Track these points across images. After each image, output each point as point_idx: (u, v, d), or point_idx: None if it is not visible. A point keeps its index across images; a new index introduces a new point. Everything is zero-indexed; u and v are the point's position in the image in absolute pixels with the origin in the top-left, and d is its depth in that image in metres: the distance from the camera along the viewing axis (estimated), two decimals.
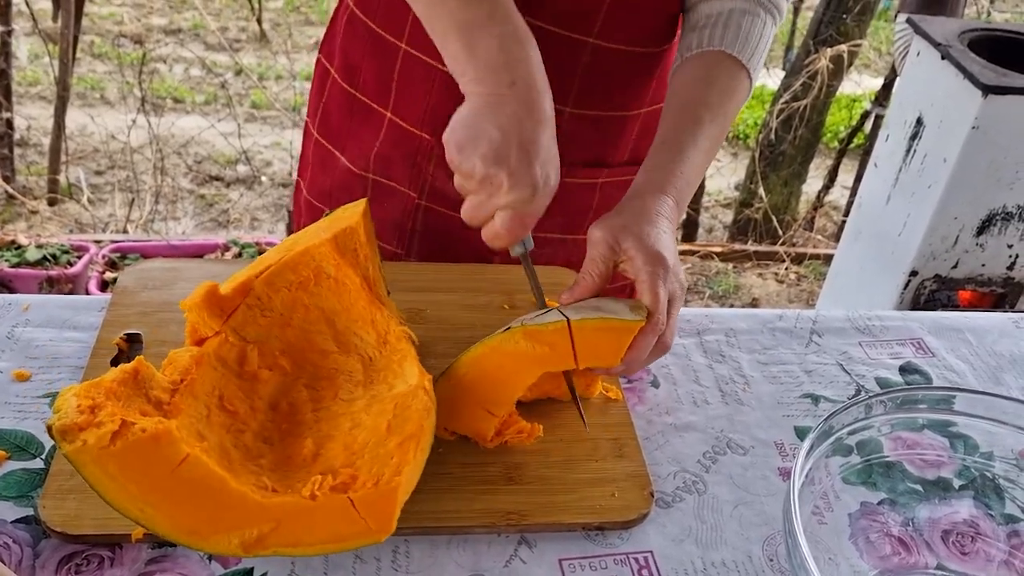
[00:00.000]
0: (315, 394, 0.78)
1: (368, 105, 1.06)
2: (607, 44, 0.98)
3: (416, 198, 1.07)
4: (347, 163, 1.10)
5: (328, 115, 1.12)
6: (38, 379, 0.83)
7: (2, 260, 2.59)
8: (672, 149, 0.89)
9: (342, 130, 1.10)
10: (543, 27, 0.95)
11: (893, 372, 0.98)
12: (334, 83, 1.10)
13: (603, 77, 1.01)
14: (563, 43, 0.97)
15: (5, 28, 3.36)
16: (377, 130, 1.06)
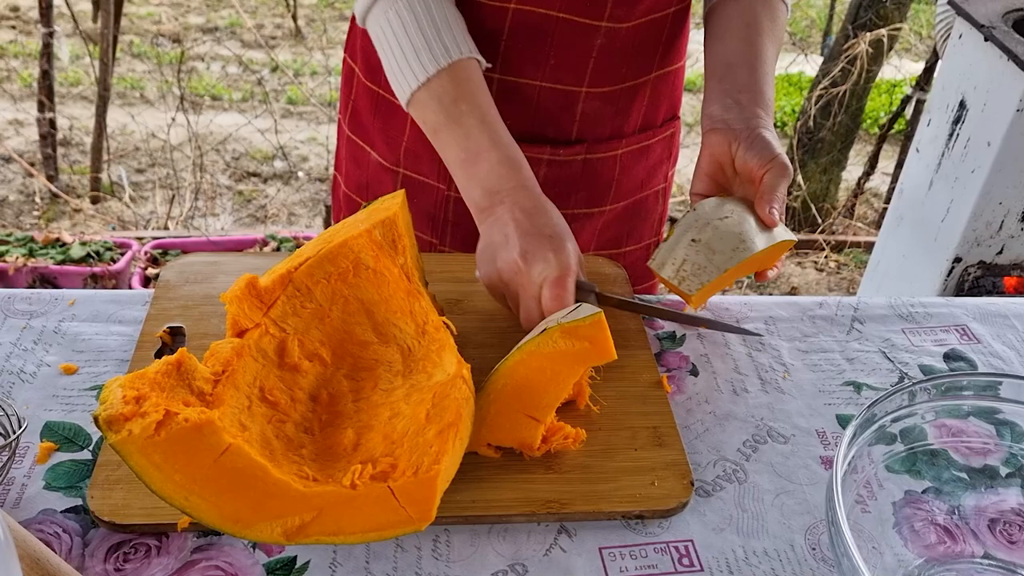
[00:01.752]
0: (355, 384, 0.79)
1: (392, 102, 1.07)
2: (619, 25, 0.98)
3: (446, 190, 1.08)
4: (378, 158, 1.11)
5: (357, 112, 1.13)
6: (85, 372, 0.85)
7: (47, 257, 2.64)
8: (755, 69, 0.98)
9: (371, 127, 1.11)
10: (558, 16, 0.96)
11: (937, 359, 0.97)
12: (359, 81, 1.11)
13: (616, 55, 1.02)
14: (577, 28, 0.97)
15: (47, 30, 3.42)
16: (403, 125, 1.07)
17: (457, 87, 0.90)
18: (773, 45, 1.00)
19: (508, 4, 0.95)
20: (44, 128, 3.59)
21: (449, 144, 0.92)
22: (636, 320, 0.95)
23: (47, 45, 3.43)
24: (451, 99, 0.90)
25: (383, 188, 1.11)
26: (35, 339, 0.88)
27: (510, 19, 0.96)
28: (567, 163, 1.07)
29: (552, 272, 0.82)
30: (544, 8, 0.95)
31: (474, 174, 0.90)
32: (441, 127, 0.92)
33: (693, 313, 0.95)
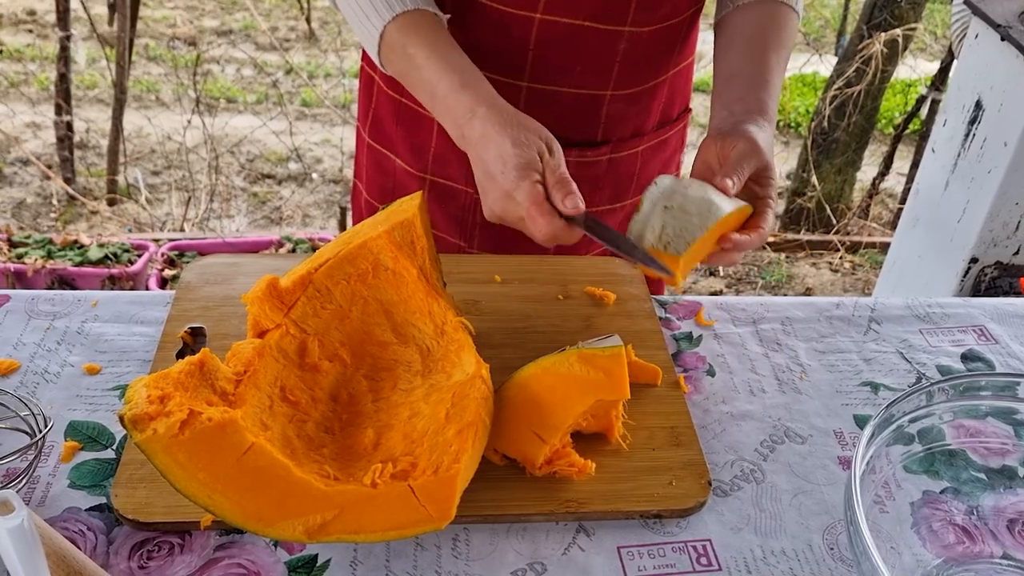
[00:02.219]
0: (374, 384, 0.80)
1: (416, 111, 1.08)
2: (641, 29, 0.99)
3: (474, 194, 1.08)
4: (404, 165, 1.12)
5: (379, 121, 1.14)
6: (108, 372, 0.86)
7: (66, 259, 2.66)
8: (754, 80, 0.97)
9: (394, 135, 1.12)
10: (583, 24, 0.97)
11: (955, 360, 0.97)
12: (380, 91, 1.12)
13: (639, 58, 1.03)
14: (601, 35, 0.98)
15: (64, 34, 3.45)
16: (429, 133, 1.08)
17: (404, 35, 0.91)
18: (778, 54, 1.00)
19: (534, 14, 0.96)
20: (61, 131, 3.62)
21: (415, 89, 0.94)
22: (653, 320, 0.96)
23: (64, 49, 3.46)
24: (401, 47, 0.92)
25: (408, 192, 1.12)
26: (59, 340, 0.89)
27: (536, 29, 0.97)
28: (593, 163, 1.08)
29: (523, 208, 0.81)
30: (569, 17, 0.96)
31: (439, 110, 0.91)
32: (403, 75, 0.94)
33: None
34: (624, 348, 0.76)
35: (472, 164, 0.88)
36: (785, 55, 1.01)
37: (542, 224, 0.80)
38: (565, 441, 0.77)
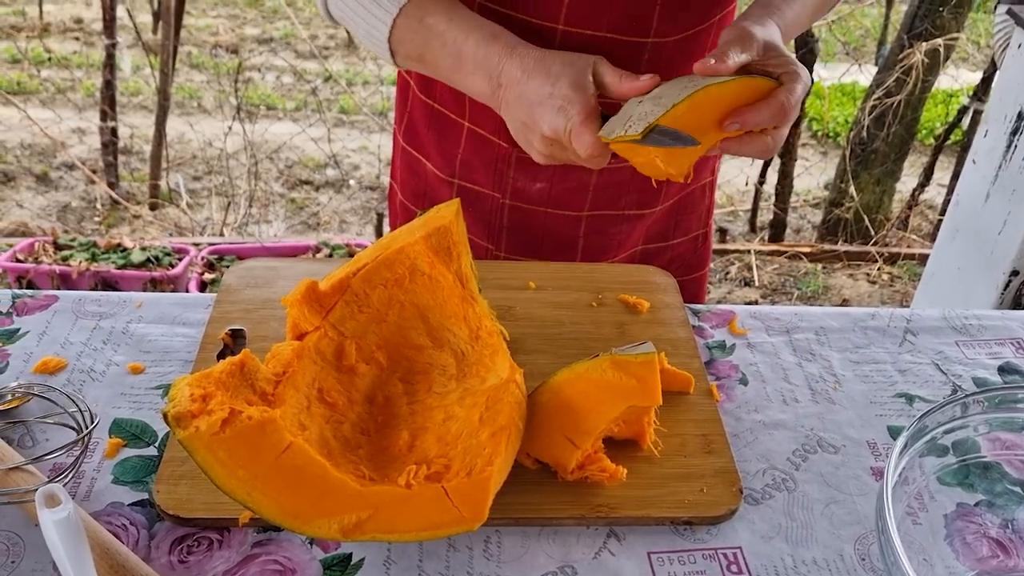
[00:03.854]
0: (410, 388, 0.81)
1: (447, 116, 1.09)
2: (664, 39, 0.99)
3: (501, 198, 1.10)
4: (434, 169, 1.14)
5: (413, 125, 1.16)
6: (151, 372, 0.88)
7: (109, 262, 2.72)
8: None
9: (426, 139, 1.14)
10: (605, 36, 0.97)
11: (992, 372, 0.96)
12: (414, 95, 1.14)
13: (665, 66, 1.03)
14: (624, 46, 0.99)
15: (110, 42, 3.52)
16: (458, 138, 1.09)
17: (419, 9, 0.91)
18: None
19: (556, 25, 0.97)
20: (106, 136, 3.70)
21: (437, 61, 0.92)
22: (686, 329, 0.96)
23: (110, 56, 3.54)
24: (418, 20, 0.90)
25: (439, 197, 1.14)
26: (104, 339, 0.92)
27: (559, 39, 0.98)
28: (617, 169, 1.08)
29: (573, 121, 0.81)
30: (591, 29, 0.97)
31: (468, 69, 0.89)
32: (422, 50, 0.92)
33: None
34: (657, 355, 0.77)
35: (510, 111, 0.87)
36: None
37: (588, 141, 0.80)
38: (597, 446, 0.78)
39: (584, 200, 1.09)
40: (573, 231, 1.12)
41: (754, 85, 0.82)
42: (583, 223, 1.11)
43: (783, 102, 0.81)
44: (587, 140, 0.80)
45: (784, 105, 0.81)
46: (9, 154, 4.22)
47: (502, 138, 1.06)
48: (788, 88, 0.82)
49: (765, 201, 3.74)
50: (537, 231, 1.12)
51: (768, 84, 0.83)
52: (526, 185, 1.08)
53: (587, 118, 0.81)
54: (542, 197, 1.09)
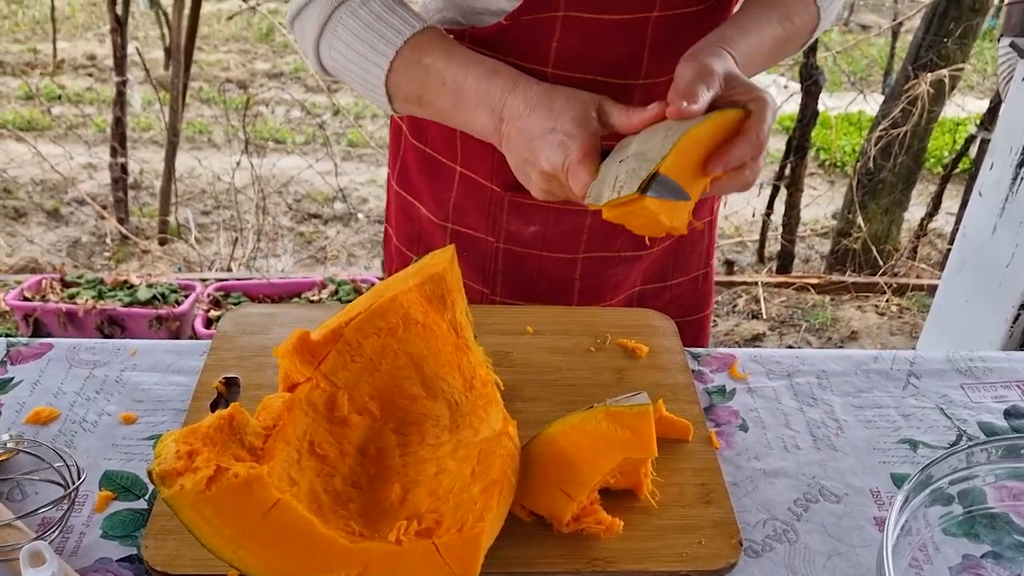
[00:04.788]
0: (403, 439, 0.80)
1: (439, 160, 1.09)
2: (656, 80, 0.99)
3: (495, 242, 1.09)
4: (427, 213, 1.13)
5: (406, 169, 1.16)
6: (144, 421, 0.88)
7: (115, 299, 2.73)
8: (737, 26, 0.93)
9: (419, 183, 1.13)
10: (595, 79, 0.97)
11: (997, 416, 0.94)
12: (406, 140, 1.14)
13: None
14: (614, 89, 0.98)
15: (120, 79, 3.56)
16: (450, 182, 1.09)
17: (416, 49, 0.90)
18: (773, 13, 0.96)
19: (546, 69, 0.97)
20: (116, 173, 3.73)
21: (436, 100, 0.91)
22: (686, 374, 0.95)
23: (120, 94, 3.58)
24: (415, 62, 0.90)
25: (433, 242, 1.13)
26: (98, 388, 0.91)
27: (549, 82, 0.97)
28: None
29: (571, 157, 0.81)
30: (580, 73, 0.97)
31: (470, 106, 0.89)
32: (421, 91, 0.91)
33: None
34: (651, 407, 0.75)
35: (511, 145, 0.86)
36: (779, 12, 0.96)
37: (583, 179, 0.79)
38: (593, 498, 0.76)
39: (579, 242, 1.08)
40: (569, 274, 1.11)
41: (726, 120, 0.81)
42: (579, 265, 1.10)
43: (757, 134, 0.81)
44: (582, 178, 0.80)
45: (758, 137, 0.81)
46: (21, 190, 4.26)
47: (495, 182, 1.05)
48: (758, 118, 0.81)
49: (773, 232, 3.73)
50: (532, 274, 1.11)
51: (738, 115, 0.82)
52: (520, 228, 1.08)
53: (585, 155, 0.80)
54: (536, 240, 1.08)
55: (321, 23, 0.92)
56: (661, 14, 0.96)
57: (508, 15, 0.95)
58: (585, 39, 0.96)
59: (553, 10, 0.94)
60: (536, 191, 0.87)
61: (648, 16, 0.95)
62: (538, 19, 0.95)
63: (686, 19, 0.98)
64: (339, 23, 0.91)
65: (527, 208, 1.05)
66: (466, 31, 1.00)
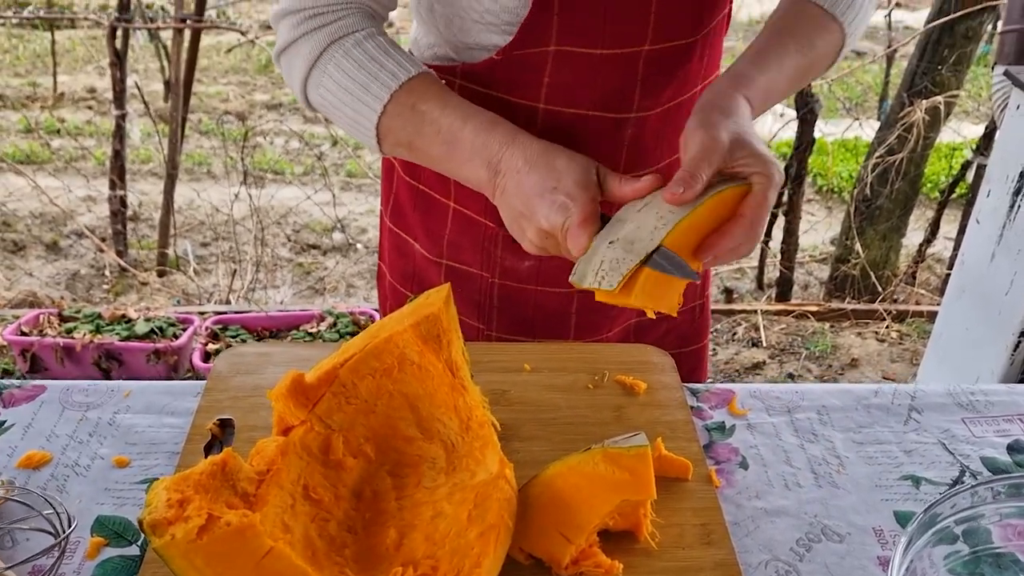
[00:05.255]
0: (398, 481, 0.79)
1: (432, 197, 1.09)
2: (648, 113, 0.99)
3: (490, 278, 1.09)
4: (421, 250, 1.13)
5: (399, 206, 1.15)
6: (136, 465, 0.87)
7: (113, 334, 2.72)
8: (751, 59, 0.92)
9: (412, 220, 1.13)
10: (587, 113, 0.97)
11: (1000, 451, 0.93)
12: (399, 177, 1.13)
13: (649, 140, 1.03)
14: (607, 122, 0.99)
15: (119, 112, 3.58)
16: (444, 219, 1.09)
17: (411, 94, 0.89)
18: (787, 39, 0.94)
19: (537, 104, 0.97)
20: (115, 205, 3.74)
21: (428, 147, 0.90)
22: (684, 410, 0.94)
23: (119, 127, 3.59)
24: (410, 107, 0.89)
25: (428, 278, 1.13)
26: (91, 431, 0.90)
27: (540, 119, 0.98)
28: None
29: (571, 220, 0.80)
30: (573, 107, 0.97)
31: (464, 156, 0.88)
32: (413, 137, 0.90)
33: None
34: (649, 448, 0.74)
35: (506, 199, 0.86)
36: (799, 41, 0.95)
37: (582, 244, 0.80)
38: (592, 541, 0.75)
39: None
40: (565, 307, 1.11)
41: (724, 198, 0.80)
42: (575, 299, 1.10)
43: (753, 219, 0.81)
44: (581, 242, 0.80)
45: (753, 222, 0.81)
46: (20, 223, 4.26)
47: (489, 218, 1.05)
48: (758, 200, 0.81)
49: (771, 259, 3.73)
50: (528, 309, 1.10)
51: (739, 192, 0.81)
52: (515, 264, 1.07)
53: (586, 219, 0.80)
54: (532, 275, 1.08)
55: (312, 59, 0.92)
56: (652, 47, 0.96)
57: (500, 50, 0.95)
58: (577, 73, 0.96)
59: (545, 44, 0.94)
60: (529, 246, 0.87)
61: (639, 50, 0.96)
62: (530, 54, 0.95)
63: (677, 51, 0.98)
64: (331, 61, 0.91)
65: None
66: (457, 67, 1.00)
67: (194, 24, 3.57)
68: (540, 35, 0.93)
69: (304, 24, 0.91)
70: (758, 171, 0.81)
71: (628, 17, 0.93)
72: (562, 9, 0.91)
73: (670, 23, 0.95)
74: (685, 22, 0.96)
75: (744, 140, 0.83)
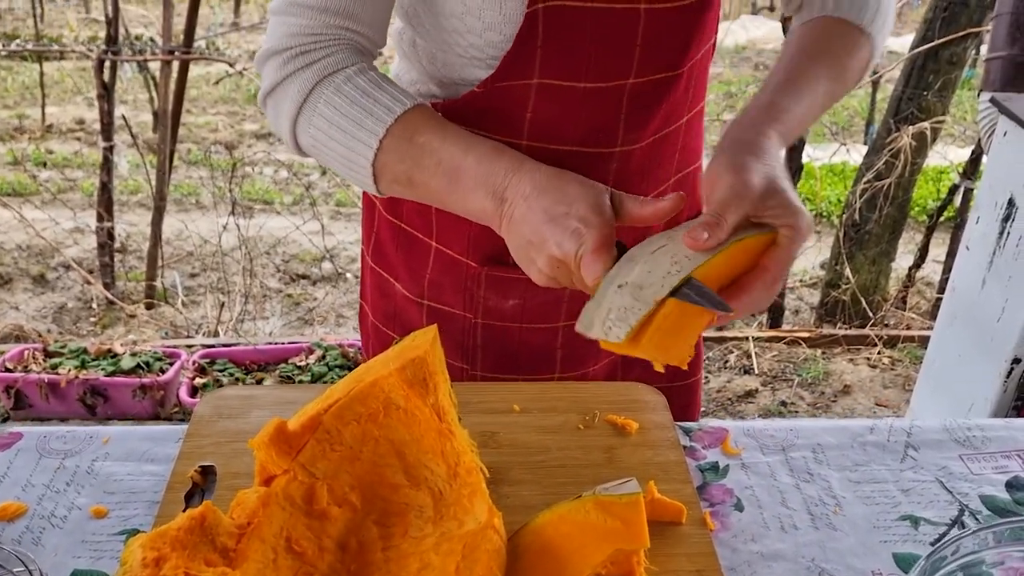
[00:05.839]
0: (385, 531, 0.77)
1: (414, 235, 1.07)
2: (632, 147, 0.98)
3: (472, 318, 1.07)
4: (403, 290, 1.11)
5: (380, 245, 1.13)
6: (115, 515, 0.84)
7: (99, 369, 2.69)
8: (783, 88, 0.89)
9: (394, 259, 1.11)
10: (571, 149, 0.95)
11: (999, 488, 0.91)
12: (380, 215, 1.11)
13: (635, 175, 1.01)
14: (591, 158, 0.97)
15: (107, 144, 3.56)
16: (426, 258, 1.07)
17: (408, 127, 0.86)
18: (818, 60, 0.91)
19: (520, 141, 0.95)
20: (102, 237, 3.71)
21: (428, 180, 0.87)
22: (677, 451, 0.92)
23: (107, 159, 3.57)
24: (407, 140, 0.86)
25: (410, 319, 1.11)
26: (68, 480, 0.88)
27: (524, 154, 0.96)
28: None
29: (586, 247, 0.77)
30: (556, 144, 0.95)
31: (467, 187, 0.85)
32: (412, 171, 0.87)
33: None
34: (642, 495, 0.73)
35: (514, 228, 0.82)
36: (831, 65, 0.92)
37: (597, 271, 0.76)
38: None
39: (559, 311, 1.06)
40: (550, 343, 1.09)
41: (747, 246, 0.76)
42: (560, 334, 1.08)
43: (775, 275, 0.77)
44: (595, 270, 0.76)
45: (776, 278, 0.77)
46: (7, 256, 4.23)
47: (471, 258, 1.03)
48: (783, 255, 0.77)
49: None
50: (513, 346, 1.08)
51: (762, 241, 0.77)
52: (498, 303, 1.05)
53: (601, 246, 0.77)
54: (516, 313, 1.06)
55: (301, 99, 0.89)
56: (637, 80, 0.95)
57: (482, 82, 0.94)
58: (560, 107, 0.94)
59: (527, 77, 0.92)
60: (538, 276, 0.84)
61: (624, 83, 0.94)
62: (512, 87, 0.93)
63: (662, 84, 0.97)
64: (321, 99, 0.89)
65: (505, 282, 1.03)
66: (438, 104, 0.99)
67: (182, 56, 3.57)
68: (523, 68, 0.92)
69: (291, 63, 0.89)
70: (787, 223, 0.77)
71: (613, 51, 0.92)
72: (545, 41, 0.90)
73: (655, 56, 0.94)
74: (670, 55, 0.95)
75: (776, 187, 0.79)
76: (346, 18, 0.89)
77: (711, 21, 0.98)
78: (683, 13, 0.93)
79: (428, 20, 0.95)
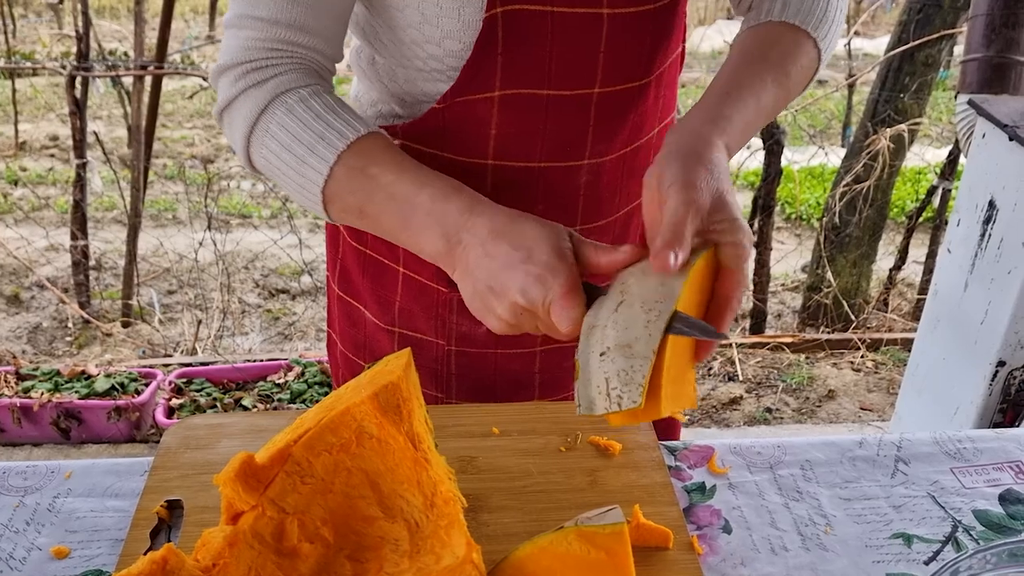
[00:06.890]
0: (359, 567, 0.74)
1: (380, 262, 1.03)
2: (601, 159, 0.95)
3: (445, 345, 1.03)
4: (372, 318, 1.07)
5: (346, 272, 1.09)
6: (77, 555, 0.80)
7: (72, 391, 2.63)
8: (730, 96, 0.85)
9: (361, 287, 1.07)
10: (539, 165, 0.93)
11: (992, 502, 0.89)
12: (345, 241, 1.08)
13: (605, 187, 0.99)
14: (560, 172, 0.94)
15: (80, 161, 3.51)
16: (394, 285, 1.03)
17: (361, 157, 0.83)
18: (761, 67, 0.88)
19: (486, 161, 0.92)
20: (77, 256, 3.65)
21: (380, 216, 0.83)
22: (662, 472, 0.89)
23: (80, 177, 3.52)
24: (359, 171, 0.82)
25: (380, 347, 1.07)
26: (28, 519, 0.84)
27: (491, 176, 0.93)
28: None
29: (553, 293, 0.73)
30: (523, 161, 0.92)
31: (419, 225, 0.81)
32: (364, 203, 0.83)
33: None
34: (626, 525, 0.70)
35: (469, 273, 0.78)
36: (776, 72, 0.89)
37: (572, 317, 0.72)
38: None
39: (536, 336, 1.03)
40: (528, 368, 1.05)
41: (699, 269, 0.74)
42: (537, 359, 1.05)
43: (734, 304, 0.76)
44: (571, 314, 0.72)
45: (734, 306, 0.76)
46: None
47: (441, 283, 1.00)
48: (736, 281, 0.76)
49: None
50: (488, 373, 1.05)
51: (708, 259, 0.75)
52: (471, 329, 1.02)
53: (569, 290, 0.73)
54: (490, 339, 1.02)
55: (252, 118, 0.85)
56: (603, 90, 0.92)
57: (443, 96, 0.91)
58: (525, 121, 0.91)
59: (489, 89, 0.89)
60: (496, 323, 0.79)
61: (590, 92, 0.91)
62: (475, 100, 0.90)
63: (630, 93, 0.94)
64: (272, 120, 0.85)
65: None
66: (398, 127, 0.95)
67: (155, 71, 3.52)
68: (485, 78, 0.89)
69: (243, 79, 0.86)
70: (732, 239, 0.75)
71: (576, 57, 0.89)
72: (506, 48, 0.87)
73: (621, 63, 0.91)
74: (636, 62, 0.93)
75: (723, 201, 0.76)
76: (298, 31, 0.85)
77: (677, 28, 0.96)
78: (647, 18, 0.90)
79: (385, 34, 0.92)
